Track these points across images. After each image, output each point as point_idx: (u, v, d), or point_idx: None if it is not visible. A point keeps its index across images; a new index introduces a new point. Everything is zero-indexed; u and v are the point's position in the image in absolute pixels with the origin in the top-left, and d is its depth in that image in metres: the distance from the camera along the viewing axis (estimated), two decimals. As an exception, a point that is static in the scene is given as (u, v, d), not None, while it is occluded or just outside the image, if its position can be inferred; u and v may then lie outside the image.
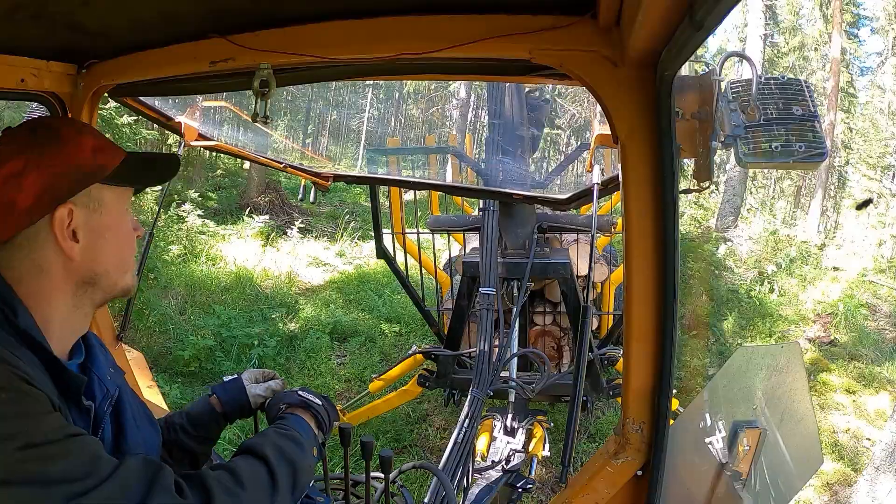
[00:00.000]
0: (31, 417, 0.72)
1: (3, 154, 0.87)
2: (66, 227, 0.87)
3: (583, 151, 6.86)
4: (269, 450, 0.94)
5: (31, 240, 0.86)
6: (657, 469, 1.15)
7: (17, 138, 0.89)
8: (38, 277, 0.86)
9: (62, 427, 0.75)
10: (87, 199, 0.89)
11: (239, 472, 0.87)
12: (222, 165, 12.76)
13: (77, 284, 0.89)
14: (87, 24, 1.20)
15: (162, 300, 6.09)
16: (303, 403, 1.12)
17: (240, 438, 4.03)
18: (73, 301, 0.90)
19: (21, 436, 0.70)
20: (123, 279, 0.95)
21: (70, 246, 0.87)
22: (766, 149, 1.06)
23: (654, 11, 0.77)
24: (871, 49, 40.95)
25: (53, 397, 0.78)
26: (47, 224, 0.86)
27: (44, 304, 0.86)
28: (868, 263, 9.61)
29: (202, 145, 2.33)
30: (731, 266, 9.82)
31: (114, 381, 0.99)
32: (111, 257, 0.92)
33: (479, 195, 3.76)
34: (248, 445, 0.96)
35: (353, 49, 1.18)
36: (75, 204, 0.88)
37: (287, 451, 0.96)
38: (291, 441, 1.00)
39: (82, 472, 0.72)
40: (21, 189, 0.84)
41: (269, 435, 1.01)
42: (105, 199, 0.91)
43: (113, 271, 0.93)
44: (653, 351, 1.12)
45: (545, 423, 3.27)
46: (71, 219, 0.87)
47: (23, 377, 0.74)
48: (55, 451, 0.71)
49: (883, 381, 6.04)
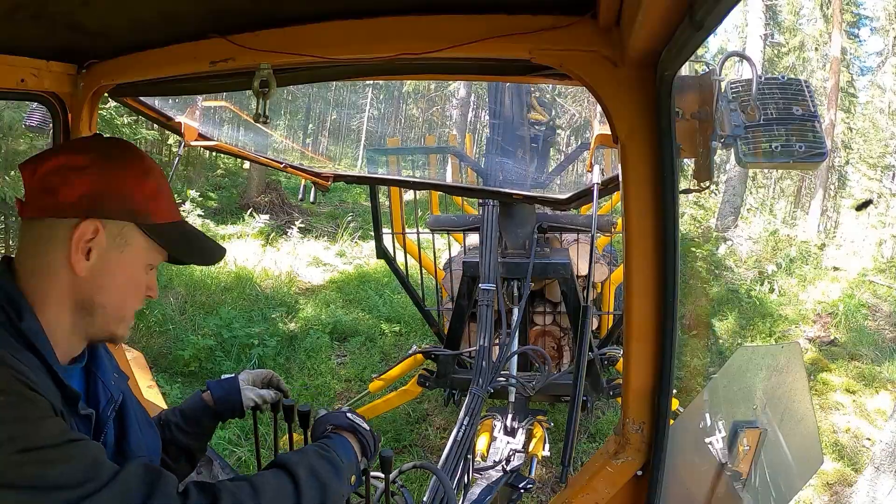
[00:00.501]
0: (30, 422, 0.71)
1: (79, 147, 0.91)
2: (84, 241, 0.86)
3: (583, 151, 6.87)
4: (301, 469, 0.91)
5: (53, 232, 0.86)
6: (657, 469, 1.15)
7: (101, 142, 0.93)
8: (46, 275, 0.86)
9: (62, 432, 0.74)
10: (118, 231, 0.89)
11: (261, 487, 0.85)
12: (222, 165, 12.78)
13: (77, 304, 0.88)
14: (87, 24, 1.20)
15: (162, 300, 6.09)
16: (351, 427, 1.09)
17: (240, 439, 4.03)
18: (72, 319, 0.88)
19: (19, 440, 0.69)
20: (118, 326, 0.93)
21: (78, 258, 0.86)
22: (766, 149, 1.06)
23: (654, 11, 0.77)
24: (872, 49, 40.96)
25: (56, 402, 0.77)
26: (70, 228, 0.85)
27: (50, 309, 0.86)
28: (868, 263, 9.61)
29: (202, 145, 2.33)
30: (732, 266, 9.82)
31: (118, 385, 0.99)
32: (113, 297, 0.91)
33: (479, 195, 3.76)
34: (282, 460, 0.93)
35: (353, 49, 1.17)
36: (105, 226, 0.87)
37: (321, 474, 0.93)
38: (329, 464, 0.97)
39: (82, 478, 0.71)
40: (70, 182, 0.86)
41: (308, 453, 0.97)
42: (133, 243, 0.91)
43: (111, 311, 0.91)
44: (653, 351, 1.12)
45: (545, 422, 3.27)
46: (94, 236, 0.86)
47: (24, 381, 0.73)
48: (54, 456, 0.71)
49: (883, 381, 6.04)
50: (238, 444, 4.00)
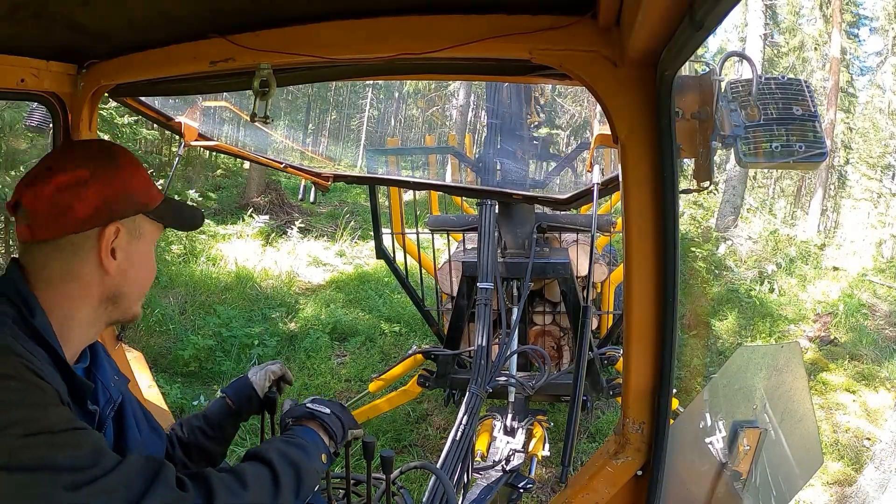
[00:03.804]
0: (39, 407, 0.75)
1: (74, 160, 0.93)
2: (109, 244, 0.93)
3: (582, 151, 6.87)
4: (272, 454, 0.97)
5: (77, 246, 0.91)
6: (657, 469, 1.15)
7: (87, 150, 0.98)
8: (69, 283, 0.91)
9: (70, 419, 0.77)
10: (133, 224, 0.97)
11: (242, 475, 0.91)
12: (222, 165, 12.78)
13: (103, 299, 0.95)
14: (87, 24, 1.20)
15: (162, 300, 6.10)
16: (308, 415, 1.14)
17: (244, 441, 4.03)
18: (94, 313, 0.95)
19: (29, 422, 0.72)
20: (137, 306, 1.02)
21: (109, 261, 0.93)
22: (766, 149, 1.06)
23: (654, 11, 0.77)
24: (871, 49, 40.91)
25: (63, 394, 0.81)
26: (95, 236, 0.92)
27: (66, 310, 0.90)
28: (868, 263, 9.62)
29: (202, 145, 2.33)
30: (732, 265, 9.82)
31: (117, 387, 1.03)
32: (137, 283, 0.99)
33: (479, 195, 3.76)
34: (252, 452, 0.99)
35: (353, 49, 1.18)
36: (123, 225, 0.95)
37: (291, 455, 0.99)
38: (295, 447, 1.03)
39: (88, 462, 0.74)
40: (81, 198, 0.90)
41: (273, 442, 1.05)
42: (145, 230, 1.00)
43: (133, 296, 0.99)
44: (653, 351, 1.12)
45: (545, 422, 3.27)
46: (116, 237, 0.93)
47: (34, 370, 0.77)
48: (62, 440, 0.73)
49: (883, 380, 6.04)
50: (238, 443, 4.00)
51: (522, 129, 4.64)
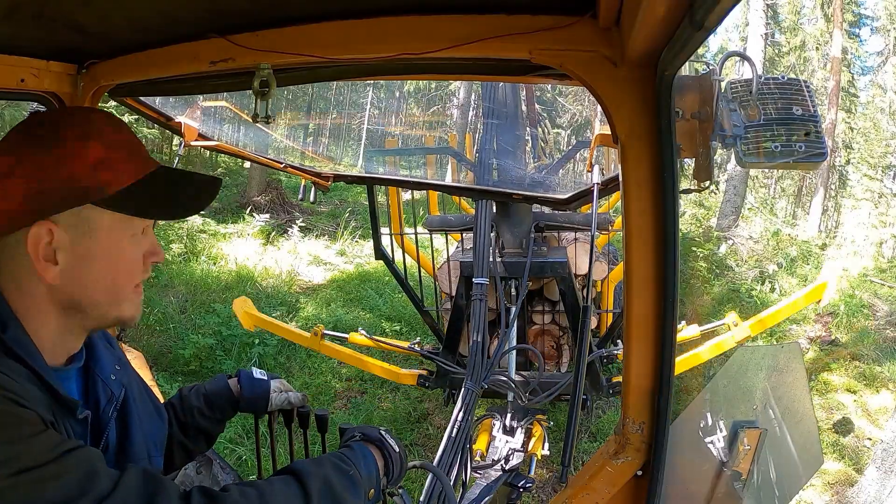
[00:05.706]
0: (21, 441, 0.68)
1: (5, 143, 0.78)
2: (42, 247, 0.77)
3: (580, 149, 6.86)
4: (314, 481, 0.85)
5: (13, 249, 0.78)
6: (657, 469, 1.15)
7: (14, 134, 0.80)
8: (18, 293, 0.79)
9: (56, 445, 0.70)
10: (76, 219, 0.78)
11: (268, 496, 0.81)
12: (222, 165, 12.76)
13: (62, 308, 0.81)
14: (87, 24, 1.20)
15: (163, 299, 6.10)
16: (379, 441, 1.06)
17: (241, 438, 4.03)
18: (62, 323, 0.82)
19: (12, 461, 0.66)
20: (118, 309, 0.85)
21: (45, 267, 0.77)
22: (767, 149, 1.06)
23: (654, 11, 0.77)
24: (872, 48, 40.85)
25: (45, 413, 0.73)
26: (23, 238, 0.76)
27: (30, 320, 0.79)
28: (868, 263, 9.61)
29: (202, 145, 2.33)
30: (732, 265, 9.81)
31: (119, 379, 0.94)
32: (99, 286, 0.82)
33: (479, 195, 3.75)
34: (296, 468, 0.87)
35: (353, 49, 1.17)
36: (58, 223, 0.77)
37: (336, 488, 0.88)
38: (346, 478, 0.92)
39: (80, 490, 0.68)
40: (4, 193, 0.76)
41: (325, 465, 0.91)
42: (99, 223, 0.80)
43: (103, 300, 0.82)
44: (653, 351, 1.12)
45: (545, 422, 3.27)
46: (51, 238, 0.77)
47: (10, 398, 0.69)
48: (49, 473, 0.67)
49: (884, 381, 6.04)
50: (239, 443, 4.00)
51: (520, 128, 4.63)
